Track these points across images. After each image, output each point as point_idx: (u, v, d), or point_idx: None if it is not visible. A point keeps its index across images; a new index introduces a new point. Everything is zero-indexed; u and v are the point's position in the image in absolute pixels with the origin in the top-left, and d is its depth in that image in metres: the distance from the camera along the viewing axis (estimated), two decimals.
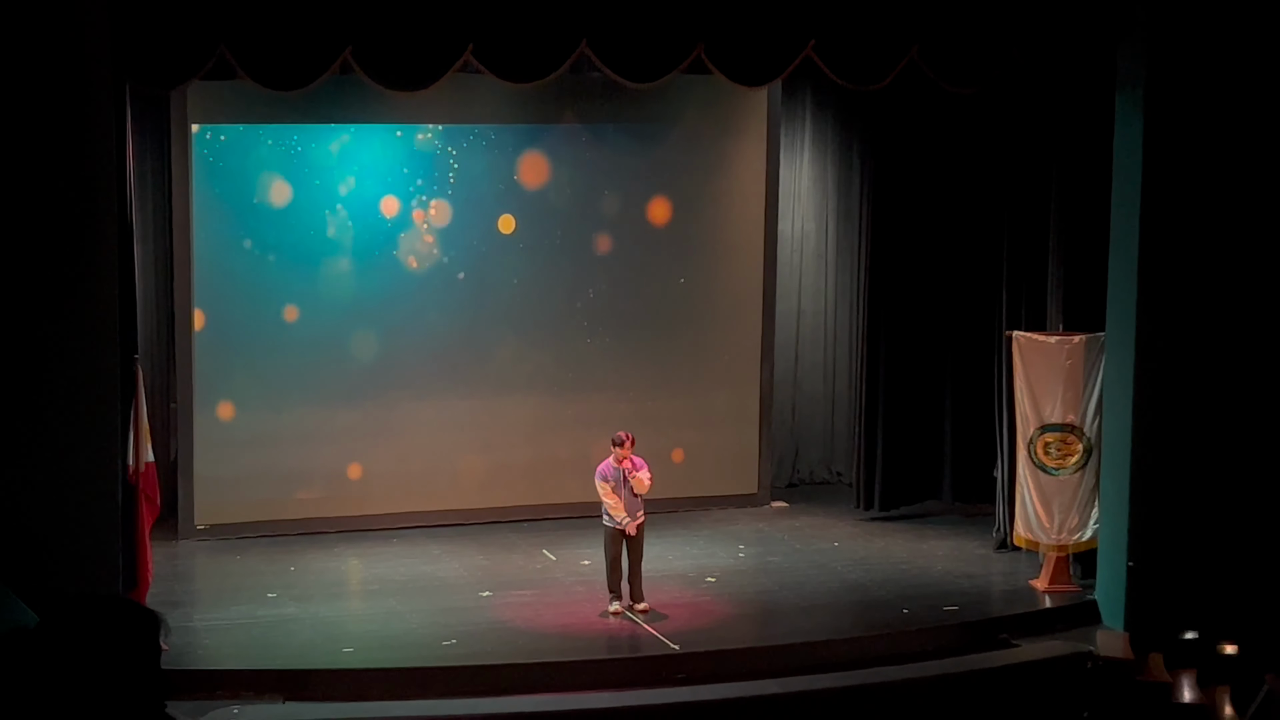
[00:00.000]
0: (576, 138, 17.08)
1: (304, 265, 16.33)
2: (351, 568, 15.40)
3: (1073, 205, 14.97)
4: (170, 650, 12.53)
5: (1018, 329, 15.27)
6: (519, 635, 13.46)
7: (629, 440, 13.89)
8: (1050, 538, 14.85)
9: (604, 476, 13.92)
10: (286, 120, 16.02)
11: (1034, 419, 14.86)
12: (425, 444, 16.88)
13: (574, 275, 17.22)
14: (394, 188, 16.53)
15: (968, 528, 16.86)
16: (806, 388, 19.07)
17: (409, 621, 13.80)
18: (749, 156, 17.67)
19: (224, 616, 13.83)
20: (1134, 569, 13.81)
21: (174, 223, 16.00)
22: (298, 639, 13.32)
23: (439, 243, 16.74)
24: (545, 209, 17.06)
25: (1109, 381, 14.28)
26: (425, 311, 16.77)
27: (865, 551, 16.16)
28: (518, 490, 17.07)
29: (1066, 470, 14.81)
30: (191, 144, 15.84)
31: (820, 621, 14.05)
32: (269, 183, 16.15)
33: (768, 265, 17.89)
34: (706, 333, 17.67)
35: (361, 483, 16.71)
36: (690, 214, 17.52)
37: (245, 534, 16.21)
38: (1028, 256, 15.68)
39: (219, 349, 16.17)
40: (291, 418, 16.43)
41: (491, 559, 15.71)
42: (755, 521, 17.38)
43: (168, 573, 14.71)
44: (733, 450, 17.86)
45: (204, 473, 16.21)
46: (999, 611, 14.43)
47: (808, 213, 18.86)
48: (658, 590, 14.36)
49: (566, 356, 17.25)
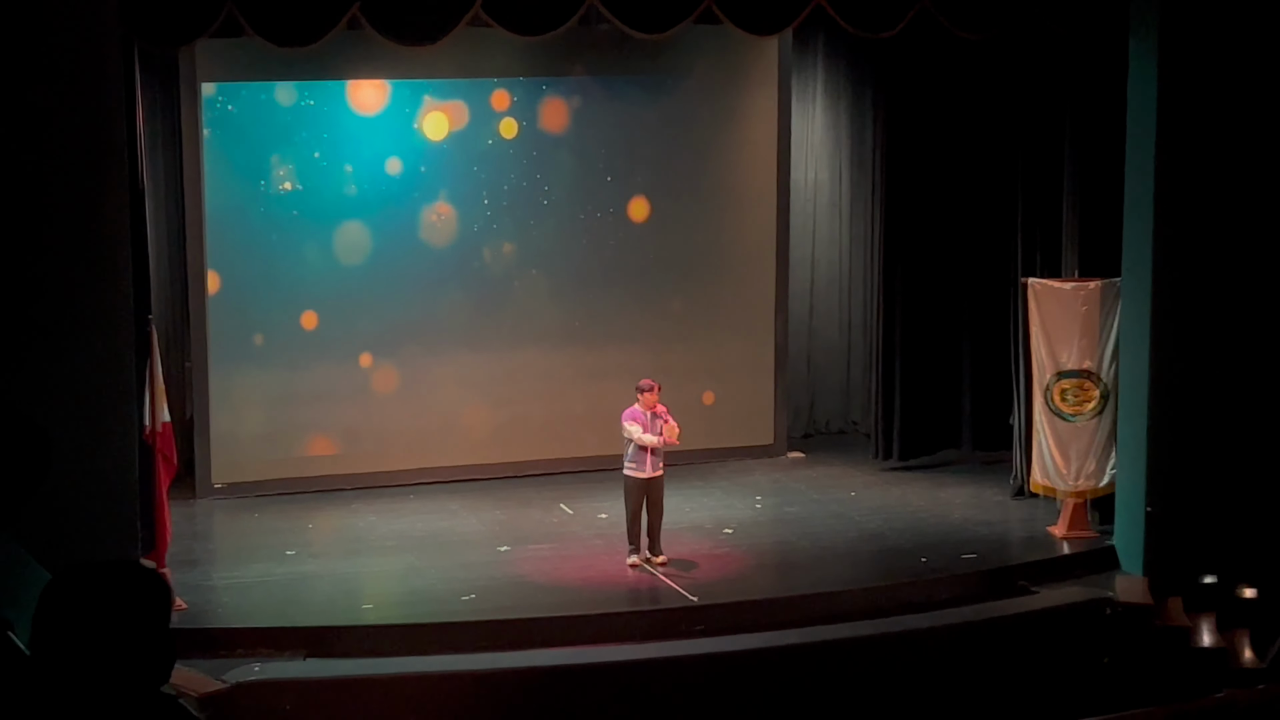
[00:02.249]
0: (587, 90, 17.04)
1: (317, 223, 16.33)
2: (369, 524, 15.43)
3: (1087, 150, 14.92)
4: (189, 609, 12.70)
5: (1033, 276, 15.23)
6: (537, 589, 13.50)
7: (657, 386, 13.91)
8: (1068, 484, 14.86)
9: (632, 418, 13.93)
10: (297, 77, 15.99)
11: (1050, 365, 14.85)
12: (441, 400, 16.91)
13: (586, 228, 17.21)
14: (406, 145, 16.51)
15: (985, 476, 16.86)
16: (822, 338, 19.06)
17: (427, 577, 13.85)
18: (761, 106, 17.62)
19: (243, 575, 13.88)
20: (1152, 514, 13.82)
21: (185, 182, 15.99)
22: (317, 596, 13.38)
23: (451, 195, 16.72)
24: (557, 162, 17.04)
25: (1125, 326, 14.26)
26: (440, 267, 16.77)
27: (883, 501, 16.18)
28: (534, 445, 17.10)
29: (1083, 416, 14.81)
30: (201, 103, 15.82)
31: (838, 571, 14.07)
32: (280, 141, 16.13)
33: (781, 215, 17.85)
34: (720, 283, 17.66)
35: (377, 440, 16.75)
36: (703, 165, 17.49)
37: (263, 492, 16.25)
38: (1043, 202, 15.64)
39: (233, 308, 16.19)
40: (307, 375, 16.45)
41: (509, 514, 15.75)
42: (772, 472, 17.40)
43: (186, 532, 14.76)
44: (749, 401, 17.87)
45: (221, 432, 16.26)
46: (1017, 559, 14.44)
47: (821, 162, 18.81)
48: (675, 542, 14.39)
49: (580, 310, 17.25)
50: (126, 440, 11.99)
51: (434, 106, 16.54)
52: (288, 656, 12.16)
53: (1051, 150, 15.40)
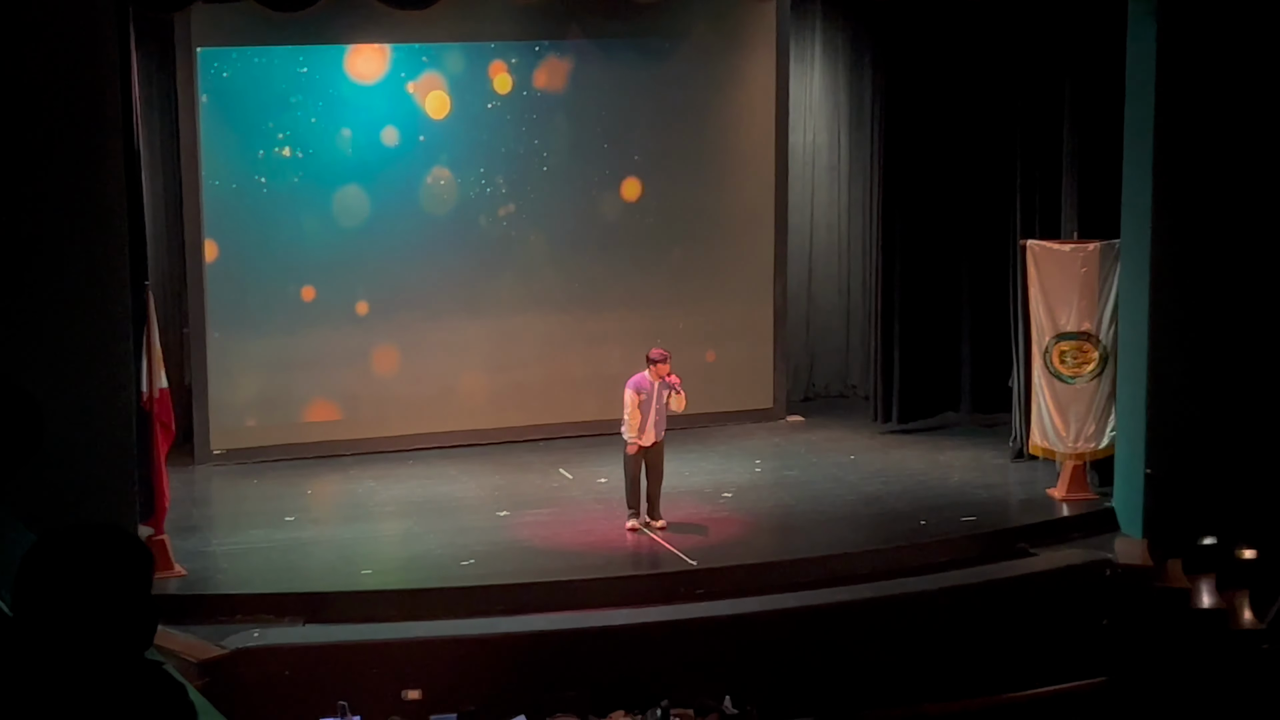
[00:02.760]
0: (584, 54, 16.99)
1: (315, 189, 16.28)
2: (368, 489, 15.44)
3: (1086, 112, 14.88)
4: (189, 575, 12.71)
5: (1032, 237, 15.21)
6: (537, 554, 13.50)
7: (668, 356, 13.88)
8: (1067, 446, 14.87)
9: (638, 388, 13.86)
10: (292, 42, 15.93)
11: (1049, 328, 14.83)
12: (438, 365, 16.90)
13: (584, 193, 17.17)
14: (403, 110, 16.46)
15: (984, 438, 16.87)
16: (821, 301, 19.04)
17: (427, 542, 13.86)
18: (759, 69, 17.57)
19: (242, 540, 13.89)
20: (1151, 476, 13.82)
21: (181, 148, 15.95)
22: (316, 562, 13.38)
23: (449, 161, 16.69)
24: (554, 126, 16.99)
25: (1124, 288, 14.24)
26: (437, 232, 16.73)
27: (882, 464, 16.18)
28: (532, 410, 17.09)
29: (1082, 378, 14.80)
30: (197, 68, 15.77)
31: (838, 535, 14.07)
32: (277, 106, 16.09)
33: (779, 178, 17.82)
34: (719, 247, 17.63)
35: (375, 405, 16.74)
36: (701, 128, 17.44)
37: (261, 458, 16.26)
38: (1042, 164, 15.59)
39: (231, 274, 16.17)
40: (305, 341, 16.44)
41: (508, 479, 15.75)
42: (771, 436, 17.40)
43: (185, 498, 14.76)
44: (748, 365, 17.86)
45: (219, 398, 16.26)
46: (1017, 521, 14.46)
47: (819, 125, 18.76)
48: (675, 507, 14.39)
49: (578, 274, 17.22)
50: (124, 407, 11.98)
51: (435, 84, 16.47)
52: (287, 622, 12.19)
53: (1051, 112, 15.36)
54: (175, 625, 11.66)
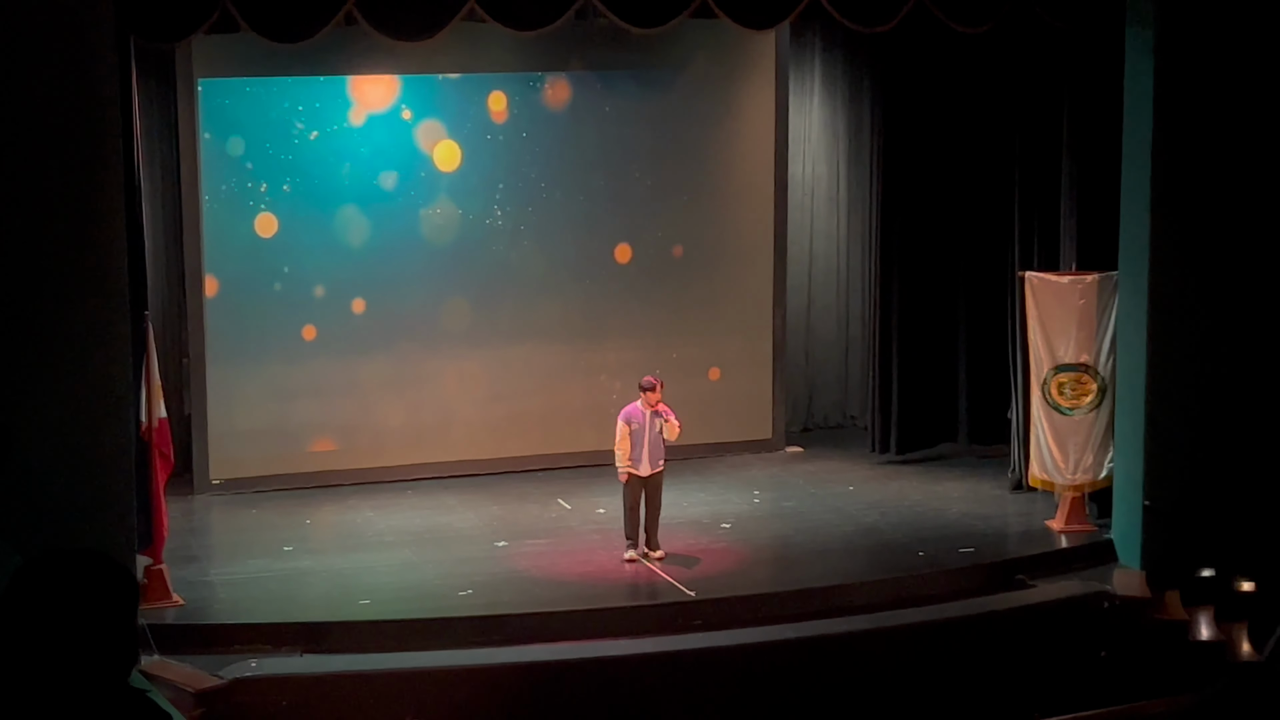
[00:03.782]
0: (583, 84, 17.03)
1: (314, 220, 16.31)
2: (366, 520, 15.44)
3: (1084, 144, 14.90)
4: (186, 604, 12.71)
5: (1031, 269, 15.23)
6: (535, 584, 13.51)
7: (660, 385, 13.90)
8: (1065, 478, 14.87)
9: (628, 419, 13.90)
10: (292, 73, 15.96)
11: (1048, 359, 14.85)
12: (437, 395, 16.91)
13: (582, 223, 17.19)
14: (404, 141, 16.50)
15: (983, 469, 16.86)
16: (820, 332, 19.05)
17: (425, 572, 13.86)
18: (758, 100, 17.61)
19: (240, 570, 13.90)
20: (1150, 507, 13.81)
21: (182, 178, 15.99)
22: (314, 591, 13.39)
23: (447, 194, 16.72)
24: (553, 157, 17.02)
25: (1122, 320, 14.26)
26: (436, 263, 16.75)
27: (881, 495, 16.18)
28: (531, 440, 17.09)
29: (1081, 410, 14.81)
30: (198, 98, 15.82)
31: (836, 566, 14.08)
32: (278, 138, 16.12)
33: (779, 209, 17.84)
34: (718, 278, 17.64)
35: (374, 435, 16.75)
36: (700, 160, 17.48)
37: (260, 488, 16.25)
38: (1040, 196, 15.61)
39: (231, 304, 16.18)
40: (304, 371, 16.45)
41: (506, 509, 15.75)
42: (770, 467, 17.40)
43: (183, 528, 14.77)
44: (746, 396, 17.87)
45: (219, 428, 16.27)
46: (1015, 553, 14.45)
47: (818, 156, 18.80)
48: (673, 537, 14.39)
49: (577, 304, 17.23)
50: (123, 436, 12.00)
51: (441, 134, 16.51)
52: (285, 652, 12.19)
53: (1049, 143, 15.39)
54: (173, 655, 11.66)
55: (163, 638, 11.74)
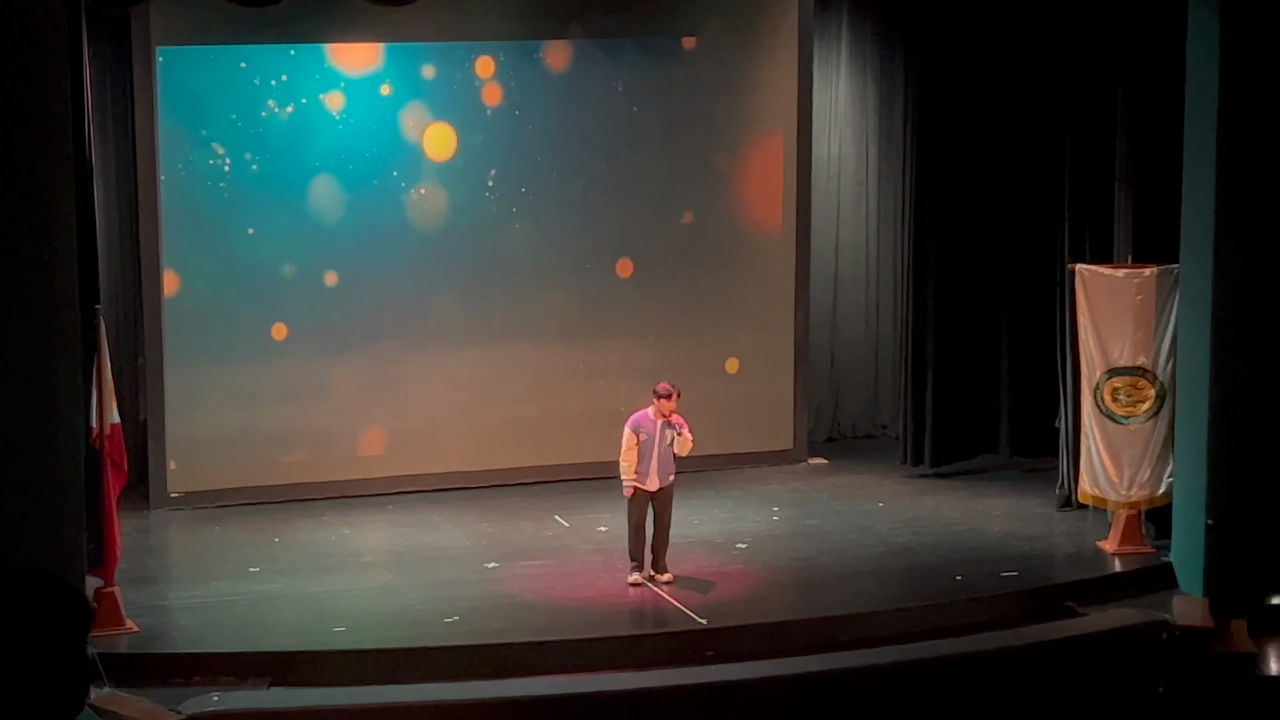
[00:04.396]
0: (585, 54, 17.00)
1: (285, 204, 16.30)
2: (342, 538, 15.44)
3: (1142, 123, 14.89)
4: (142, 631, 12.68)
5: (1082, 261, 15.22)
6: (529, 610, 13.52)
7: (677, 394, 13.87)
8: (1119, 494, 14.86)
9: (637, 427, 13.90)
10: (260, 41, 15.95)
11: (1100, 362, 14.84)
12: (422, 400, 16.89)
13: (583, 210, 17.18)
14: (384, 116, 16.47)
15: (1028, 484, 16.87)
16: (846, 331, 19.03)
17: (407, 597, 13.87)
18: (779, 72, 17.58)
19: (202, 594, 13.90)
20: (1213, 527, 13.77)
21: (138, 156, 15.96)
22: (284, 618, 13.40)
23: (434, 176, 16.70)
24: (551, 136, 17.00)
25: (1183, 319, 14.23)
26: (420, 251, 16.74)
27: (914, 512, 16.18)
28: (525, 450, 17.08)
29: (1137, 418, 14.79)
30: (156, 69, 15.79)
31: (864, 591, 14.10)
32: (242, 113, 16.10)
33: (801, 194, 17.82)
34: (733, 271, 17.63)
35: (352, 444, 16.73)
36: (713, 137, 17.45)
37: (224, 502, 16.24)
38: (1092, 180, 15.62)
39: (192, 297, 16.16)
40: (274, 372, 16.44)
41: (497, 526, 15.75)
42: (791, 480, 17.39)
43: (138, 546, 14.77)
44: (765, 402, 17.85)
45: (178, 435, 16.24)
46: (1063, 577, 14.49)
47: (846, 134, 18.78)
48: (683, 559, 14.39)
49: (576, 300, 17.22)
50: (71, 444, 11.95)
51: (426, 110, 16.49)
52: (250, 685, 12.18)
53: (1103, 122, 15.38)
54: (126, 687, 11.66)
55: (115, 668, 11.73)
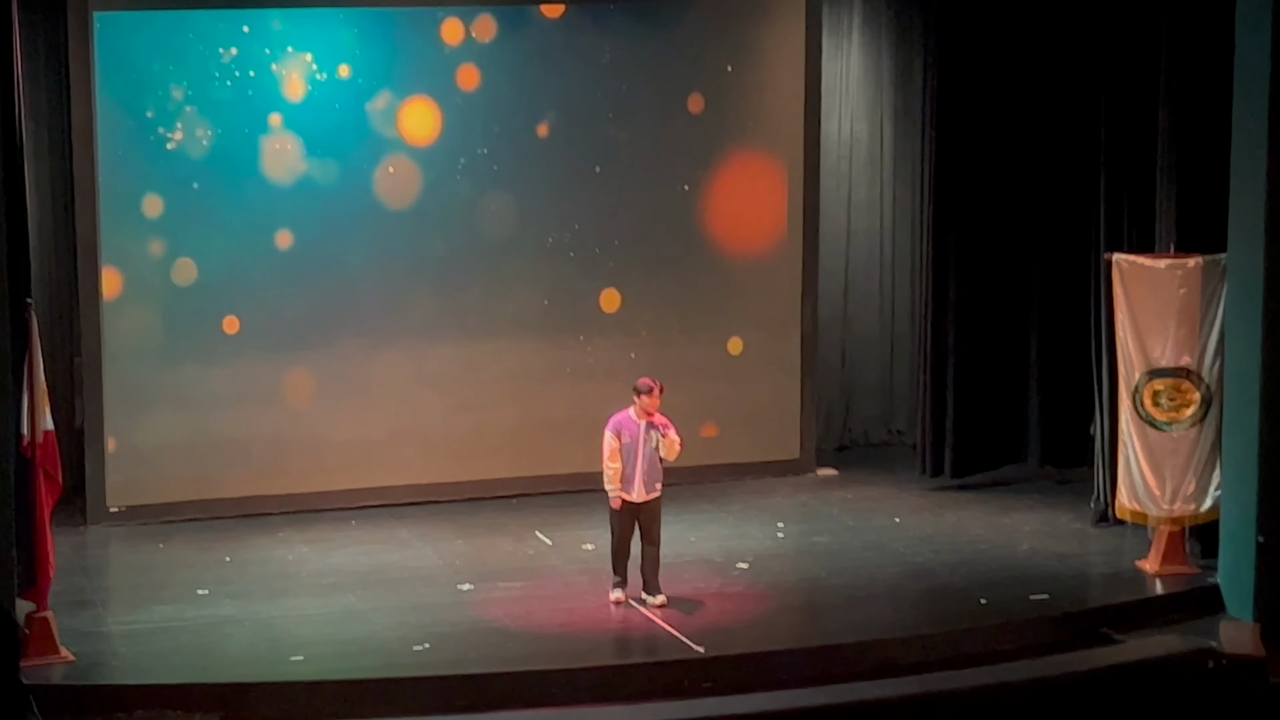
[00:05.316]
0: (573, 23, 17.01)
1: (235, 186, 16.30)
2: (301, 557, 15.45)
3: (1186, 97, 14.92)
4: (78, 661, 12.68)
5: (1119, 251, 15.25)
6: (507, 637, 13.52)
7: (657, 389, 13.90)
8: (1161, 508, 14.88)
9: (618, 429, 13.93)
10: (210, 5, 15.98)
11: (1140, 362, 14.86)
12: (388, 404, 16.90)
13: (568, 192, 17.20)
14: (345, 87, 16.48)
15: (1059, 498, 16.93)
16: (859, 327, 19.08)
17: (372, 622, 13.86)
18: (785, 43, 17.62)
19: (144, 619, 13.87)
20: (1265, 545, 13.82)
21: (74, 133, 15.96)
22: (236, 645, 13.37)
23: (401, 153, 16.71)
24: (534, 110, 17.01)
25: (1231, 315, 14.26)
26: (387, 238, 16.75)
27: (933, 529, 16.22)
28: (503, 459, 17.11)
29: (1181, 425, 14.82)
30: (94, 37, 15.79)
31: (878, 615, 14.12)
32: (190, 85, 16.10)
33: (809, 176, 17.86)
34: (734, 261, 17.66)
35: (311, 453, 16.74)
36: (714, 113, 17.47)
37: (170, 517, 16.26)
38: (1131, 161, 15.66)
39: (134, 291, 16.16)
40: (225, 373, 16.43)
41: (472, 544, 15.77)
42: (798, 493, 17.43)
43: (74, 565, 14.78)
44: (769, 406, 17.88)
45: (119, 443, 16.24)
46: (1099, 600, 14.52)
47: (858, 111, 18.83)
48: (678, 580, 14.41)
49: (560, 293, 17.24)
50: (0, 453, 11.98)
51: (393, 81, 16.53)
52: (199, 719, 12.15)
53: (1143, 97, 15.41)
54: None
55: (49, 701, 11.71)
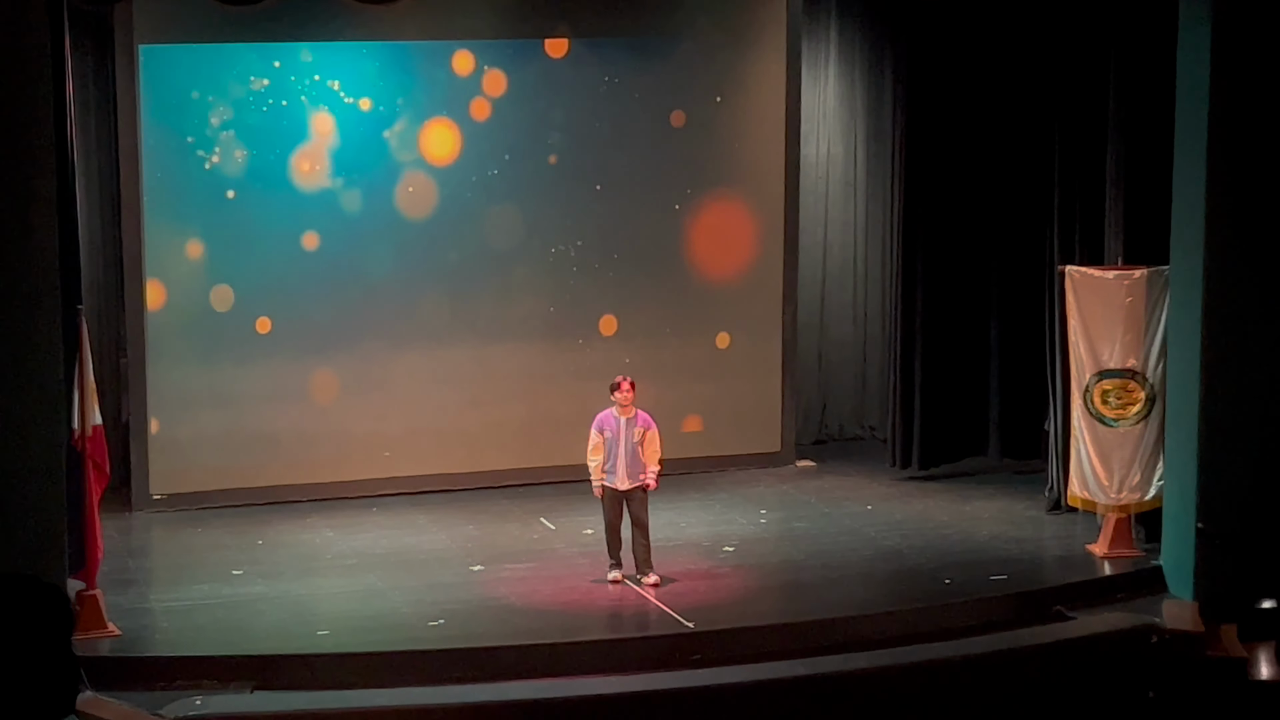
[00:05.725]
0: (573, 54, 17.01)
1: (268, 203, 16.30)
2: (326, 540, 15.43)
3: (1133, 122, 14.91)
4: (124, 635, 12.68)
5: (1072, 263, 15.24)
6: (514, 613, 13.51)
7: (625, 384, 13.97)
8: (1109, 497, 14.87)
9: (601, 426, 14.05)
10: (245, 39, 15.95)
11: (1090, 364, 14.85)
12: (407, 401, 16.90)
13: (568, 208, 17.19)
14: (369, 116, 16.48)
15: (1017, 487, 16.90)
16: (835, 332, 19.06)
17: (391, 600, 13.85)
18: (767, 72, 17.61)
19: (184, 596, 13.88)
20: (1204, 531, 13.81)
21: (121, 155, 15.95)
22: (267, 621, 13.37)
23: (418, 175, 16.70)
24: (537, 135, 17.01)
25: (1174, 321, 14.25)
26: (407, 249, 16.75)
27: (902, 515, 16.20)
28: (511, 451, 17.10)
29: (1127, 421, 14.82)
30: (139, 68, 15.79)
31: (852, 594, 14.10)
32: (227, 112, 16.10)
33: (789, 194, 17.85)
34: (721, 271, 17.64)
35: (336, 445, 16.73)
36: (702, 137, 17.47)
37: (207, 504, 16.24)
38: (1082, 181, 15.63)
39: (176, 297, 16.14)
40: (257, 372, 16.44)
41: (483, 529, 15.75)
42: (778, 483, 17.40)
43: (120, 548, 14.76)
44: (752, 404, 17.87)
45: (160, 437, 16.24)
46: (1052, 580, 14.48)
47: (834, 134, 18.81)
48: (669, 561, 14.41)
49: (563, 300, 17.24)
50: (52, 445, 11.96)
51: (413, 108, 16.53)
52: (233, 689, 12.14)
53: (1093, 122, 15.40)
54: (108, 691, 11.62)
55: (97, 672, 11.71)
